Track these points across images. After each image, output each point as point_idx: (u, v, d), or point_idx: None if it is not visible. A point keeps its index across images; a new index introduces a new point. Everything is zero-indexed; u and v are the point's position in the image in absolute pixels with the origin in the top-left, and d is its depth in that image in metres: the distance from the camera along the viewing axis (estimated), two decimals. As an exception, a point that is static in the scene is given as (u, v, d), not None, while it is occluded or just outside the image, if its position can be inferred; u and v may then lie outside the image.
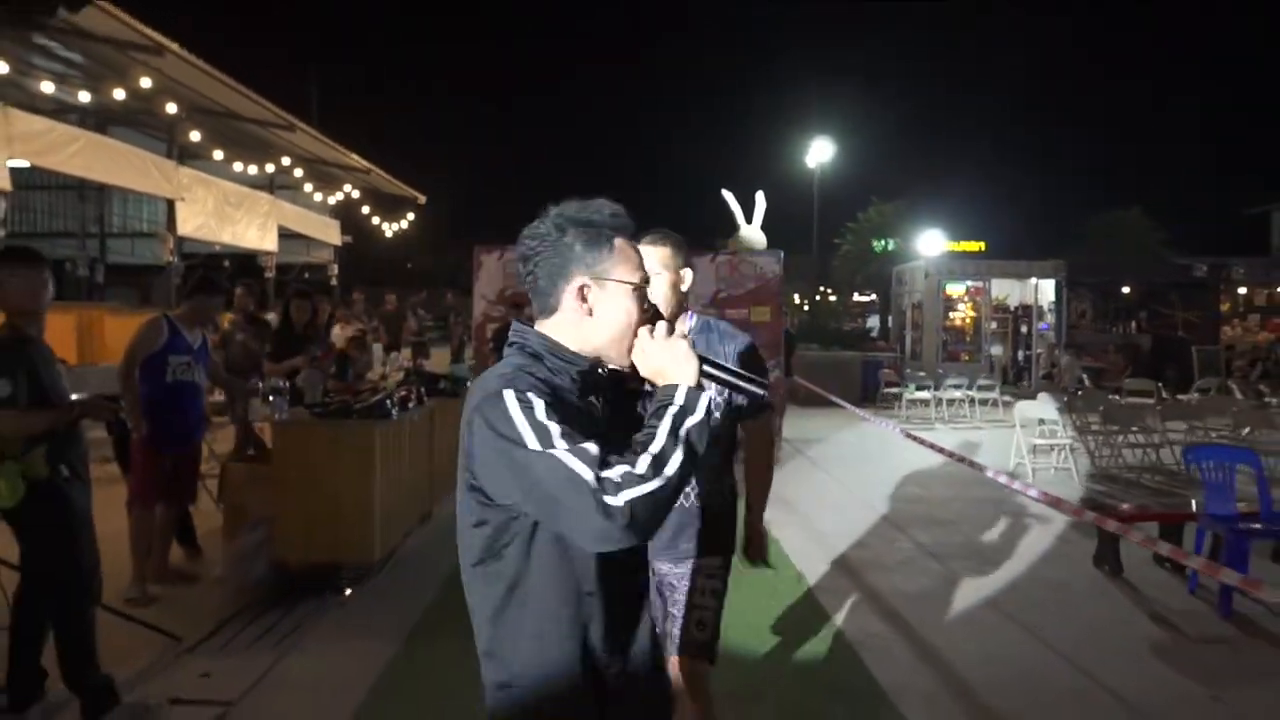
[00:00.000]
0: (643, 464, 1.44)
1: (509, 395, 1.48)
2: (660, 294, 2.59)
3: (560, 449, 1.42)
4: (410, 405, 5.84)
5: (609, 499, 1.38)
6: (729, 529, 2.78)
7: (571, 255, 1.58)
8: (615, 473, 1.42)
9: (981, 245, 36.32)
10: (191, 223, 14.22)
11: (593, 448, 1.44)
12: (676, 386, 1.52)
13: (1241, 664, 4.26)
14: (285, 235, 18.05)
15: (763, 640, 4.41)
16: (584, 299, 1.59)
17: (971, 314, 20.09)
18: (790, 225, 25.78)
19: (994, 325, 20.09)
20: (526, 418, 1.45)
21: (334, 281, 20.90)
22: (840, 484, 8.51)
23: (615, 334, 1.59)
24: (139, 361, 4.91)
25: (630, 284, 1.60)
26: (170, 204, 13.93)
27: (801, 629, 4.57)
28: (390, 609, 4.76)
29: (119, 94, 9.41)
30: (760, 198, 13.43)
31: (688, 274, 2.69)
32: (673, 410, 1.49)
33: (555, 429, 1.44)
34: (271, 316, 7.98)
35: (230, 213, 15.52)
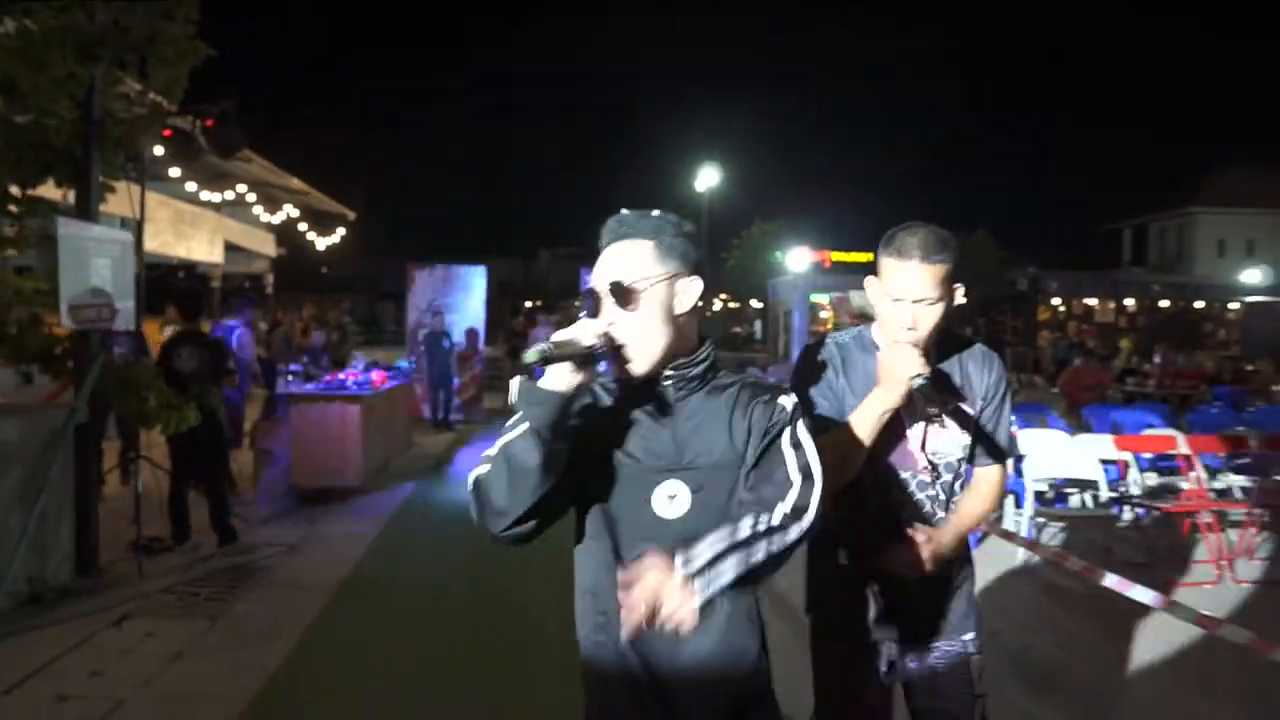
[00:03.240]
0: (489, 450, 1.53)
1: None
2: (897, 325, 2.07)
3: None
4: (382, 386, 8.55)
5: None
6: (973, 602, 2.29)
7: None
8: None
9: (869, 256, 40.16)
10: (155, 240, 16.45)
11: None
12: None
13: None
14: (228, 248, 20.30)
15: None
16: None
17: (834, 321, 23.46)
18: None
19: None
20: None
21: (269, 290, 23.18)
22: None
23: None
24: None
25: None
26: (138, 223, 16.13)
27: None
28: (372, 511, 7.41)
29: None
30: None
31: (959, 290, 2.08)
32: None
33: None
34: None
35: (185, 230, 17.75)
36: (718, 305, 41.08)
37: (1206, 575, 5.66)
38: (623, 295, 1.57)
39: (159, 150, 6.63)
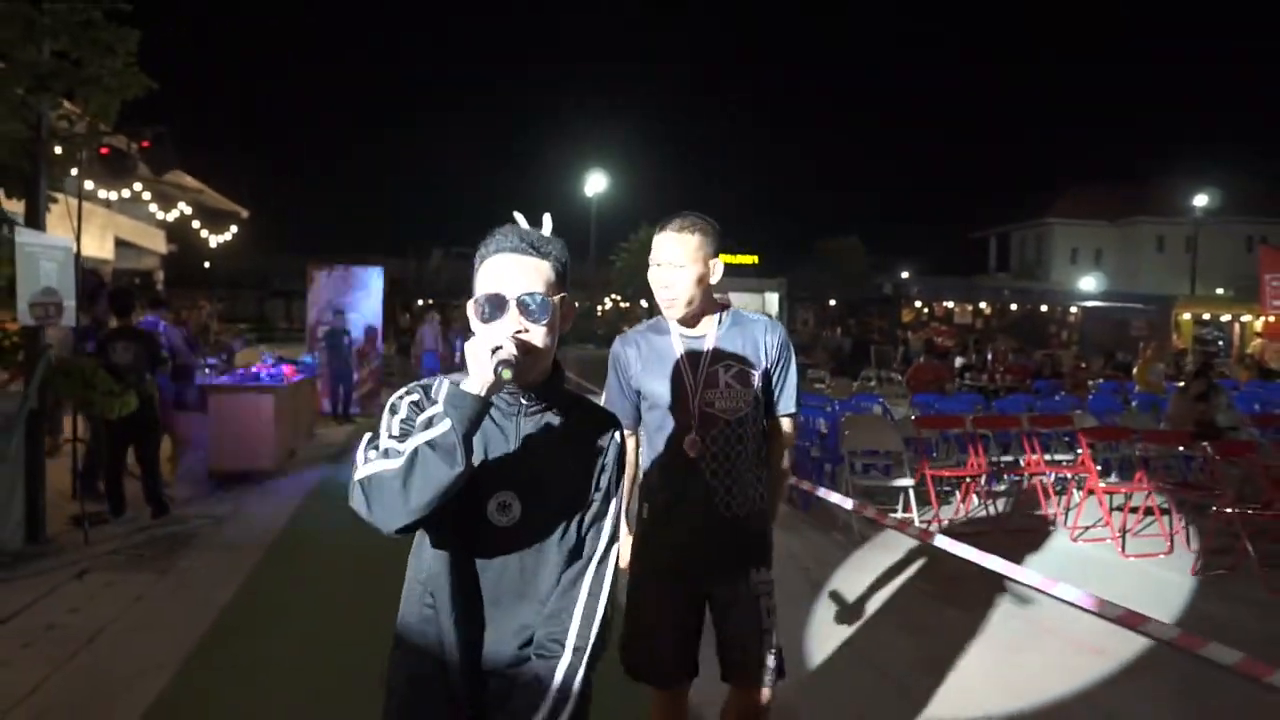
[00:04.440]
0: (386, 447, 1.57)
1: (392, 397, 1.70)
2: (657, 286, 2.51)
3: (364, 441, 1.62)
4: (294, 378, 9.35)
5: (354, 474, 1.56)
6: (769, 539, 2.64)
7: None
8: (369, 454, 1.58)
9: (754, 258, 42.06)
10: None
11: (384, 439, 1.60)
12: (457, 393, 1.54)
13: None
14: (118, 244, 20.32)
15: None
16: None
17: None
18: (575, 237, 30.03)
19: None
20: (385, 418, 1.67)
21: (160, 286, 23.16)
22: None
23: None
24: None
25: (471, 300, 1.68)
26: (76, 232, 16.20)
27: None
28: (288, 490, 8.23)
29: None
30: (547, 219, 17.10)
31: (716, 265, 2.53)
32: (432, 411, 1.56)
33: (387, 430, 1.63)
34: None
35: (74, 225, 17.84)
36: (608, 304, 42.31)
37: (985, 525, 7.09)
38: (538, 309, 1.66)
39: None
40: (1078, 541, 6.78)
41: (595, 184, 27.03)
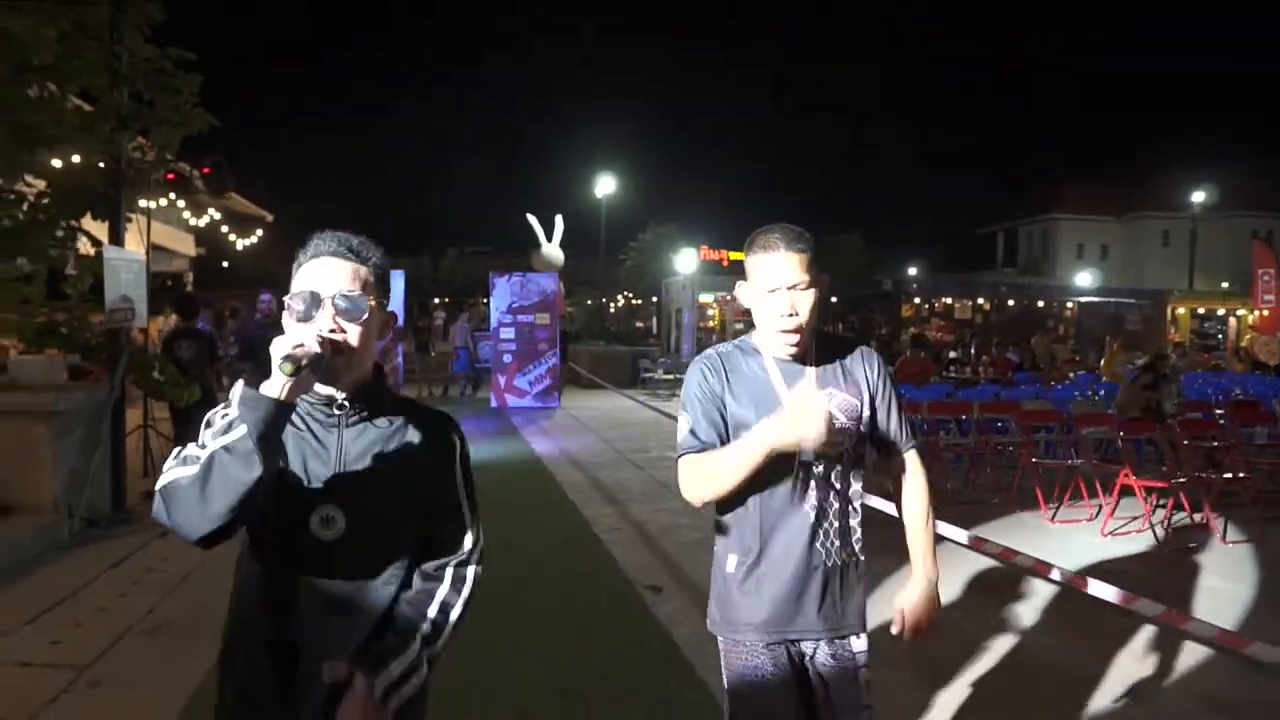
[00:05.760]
0: (186, 454, 1.52)
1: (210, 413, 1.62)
2: (775, 315, 2.13)
3: (171, 454, 1.56)
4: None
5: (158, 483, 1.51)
6: (864, 597, 2.29)
7: None
8: (171, 463, 1.53)
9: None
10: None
11: (190, 447, 1.53)
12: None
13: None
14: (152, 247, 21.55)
15: (536, 537, 7.29)
16: None
17: (719, 317, 25.97)
18: (586, 237, 31.14)
19: (739, 326, 25.97)
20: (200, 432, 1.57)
21: (189, 287, 24.38)
22: (597, 435, 13.49)
23: None
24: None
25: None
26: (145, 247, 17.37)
27: (565, 526, 7.54)
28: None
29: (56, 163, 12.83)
30: (559, 220, 17.98)
31: (802, 299, 2.14)
32: (231, 414, 1.49)
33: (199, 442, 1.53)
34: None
35: (143, 240, 19.02)
36: (620, 301, 43.33)
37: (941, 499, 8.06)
38: (354, 308, 1.62)
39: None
40: (1017, 511, 7.76)
41: (605, 185, 28.11)
